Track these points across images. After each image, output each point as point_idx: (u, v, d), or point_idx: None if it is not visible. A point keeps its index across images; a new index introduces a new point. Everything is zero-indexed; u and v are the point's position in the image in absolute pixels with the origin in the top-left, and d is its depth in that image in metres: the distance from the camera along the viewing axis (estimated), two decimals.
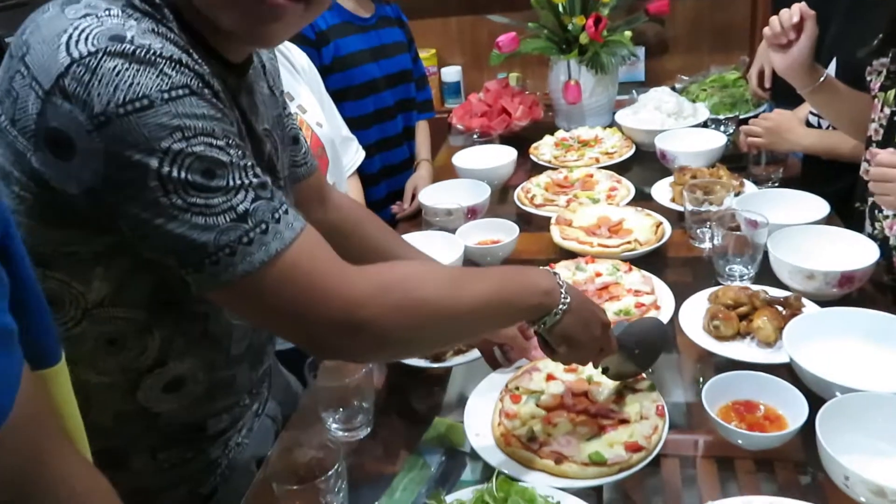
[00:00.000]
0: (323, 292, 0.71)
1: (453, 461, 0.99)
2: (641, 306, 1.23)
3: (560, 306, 0.86)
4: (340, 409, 1.03)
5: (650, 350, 1.03)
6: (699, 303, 1.21)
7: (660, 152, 1.84)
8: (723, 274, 1.32)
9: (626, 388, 1.03)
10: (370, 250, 1.12)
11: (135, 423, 0.90)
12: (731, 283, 1.28)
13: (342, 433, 1.04)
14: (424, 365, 1.15)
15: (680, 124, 2.02)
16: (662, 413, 0.98)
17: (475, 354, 1.14)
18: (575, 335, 0.89)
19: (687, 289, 1.27)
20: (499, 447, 0.97)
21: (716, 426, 0.94)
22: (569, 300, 0.87)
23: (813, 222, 1.40)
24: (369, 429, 1.05)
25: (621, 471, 0.91)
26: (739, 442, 0.93)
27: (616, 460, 0.91)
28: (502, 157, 1.91)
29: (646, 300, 1.24)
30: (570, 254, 1.45)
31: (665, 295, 1.27)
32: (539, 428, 0.97)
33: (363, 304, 0.72)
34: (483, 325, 0.89)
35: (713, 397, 0.96)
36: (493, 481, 0.86)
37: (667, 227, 1.49)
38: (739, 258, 1.30)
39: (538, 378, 1.07)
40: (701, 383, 1.04)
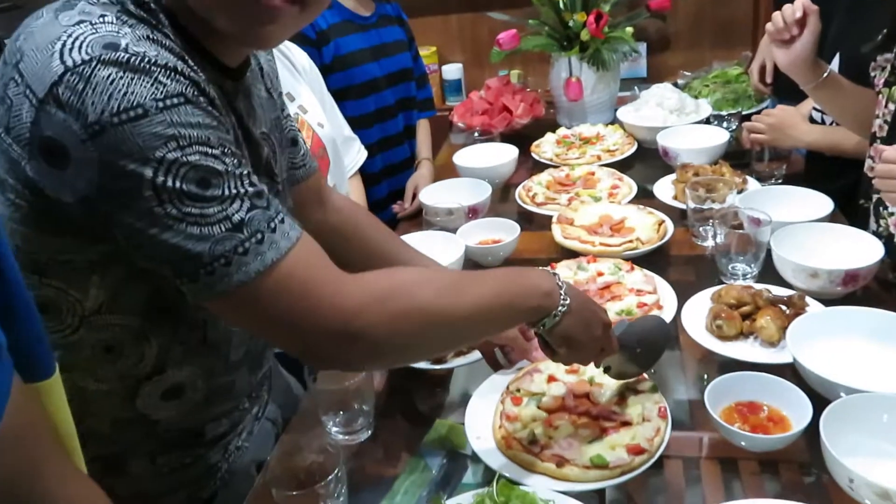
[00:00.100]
0: (318, 302, 0.70)
1: (455, 463, 0.99)
2: (643, 306, 1.22)
3: (560, 308, 0.85)
4: (341, 413, 1.03)
5: (652, 349, 1.02)
6: (702, 302, 1.20)
7: (662, 149, 1.83)
8: (726, 272, 1.31)
9: (628, 390, 1.02)
10: (370, 252, 1.12)
11: (133, 430, 0.90)
12: (734, 282, 1.27)
13: (342, 436, 1.04)
14: (425, 367, 1.14)
15: (682, 121, 2.01)
16: (665, 415, 0.97)
17: (476, 356, 1.13)
18: (575, 336, 0.88)
19: (689, 287, 1.26)
20: (500, 450, 0.96)
21: (719, 428, 0.93)
22: (569, 301, 0.86)
23: (817, 220, 1.39)
24: (370, 432, 1.05)
25: (623, 474, 0.90)
26: (743, 444, 0.92)
27: (618, 463, 0.90)
28: (503, 156, 1.91)
29: (648, 300, 1.23)
30: (572, 253, 1.44)
31: (667, 294, 1.26)
32: (540, 431, 0.96)
33: (358, 314, 0.71)
34: (482, 330, 0.88)
35: (716, 398, 0.96)
36: (494, 485, 0.85)
37: (669, 226, 1.48)
38: (742, 256, 1.29)
39: (539, 380, 1.06)
40: (706, 380, 1.03)
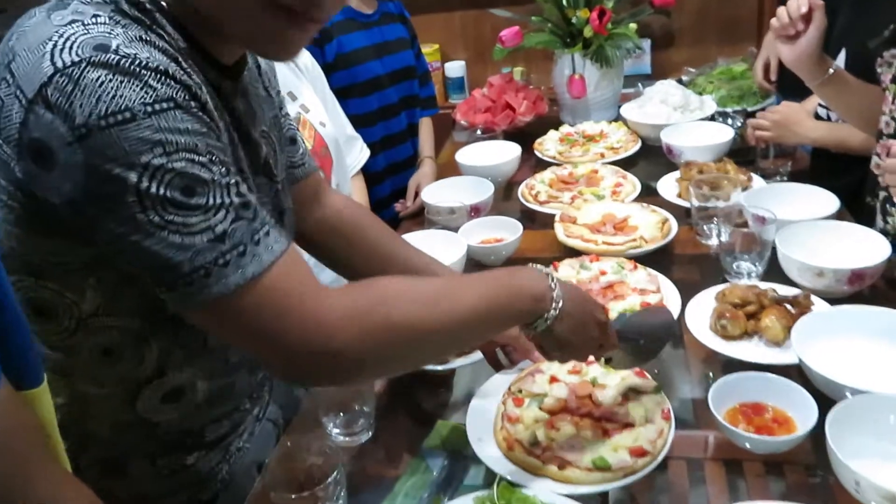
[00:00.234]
0: (298, 318, 0.69)
1: (456, 465, 0.98)
2: (647, 305, 1.21)
3: (551, 311, 0.83)
4: (341, 414, 1.02)
5: (655, 339, 1.01)
6: (706, 301, 1.19)
7: (666, 147, 1.81)
8: (730, 271, 1.30)
9: (631, 391, 1.01)
10: (370, 252, 1.11)
11: (134, 432, 0.90)
12: (739, 281, 1.26)
13: (343, 437, 1.03)
14: (427, 367, 1.13)
15: (686, 118, 1.99)
16: (668, 416, 0.96)
17: (478, 356, 1.12)
18: (569, 338, 0.86)
19: (694, 286, 1.25)
20: (501, 452, 0.95)
21: (723, 430, 0.92)
22: (561, 304, 0.84)
23: (822, 217, 1.38)
24: (370, 433, 1.04)
25: (626, 476, 0.89)
26: (747, 446, 0.91)
27: (620, 465, 0.89)
28: (506, 154, 1.89)
29: (651, 299, 1.22)
30: (575, 252, 1.43)
31: (671, 294, 1.25)
32: (542, 433, 0.95)
33: (337, 331, 0.70)
34: (469, 338, 0.87)
35: (720, 399, 0.95)
36: (495, 488, 0.85)
37: (673, 224, 1.47)
38: (747, 255, 1.28)
39: (541, 380, 1.05)
40: (711, 379, 1.02)
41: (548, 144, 2.03)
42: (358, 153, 1.91)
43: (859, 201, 1.47)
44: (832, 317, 1.09)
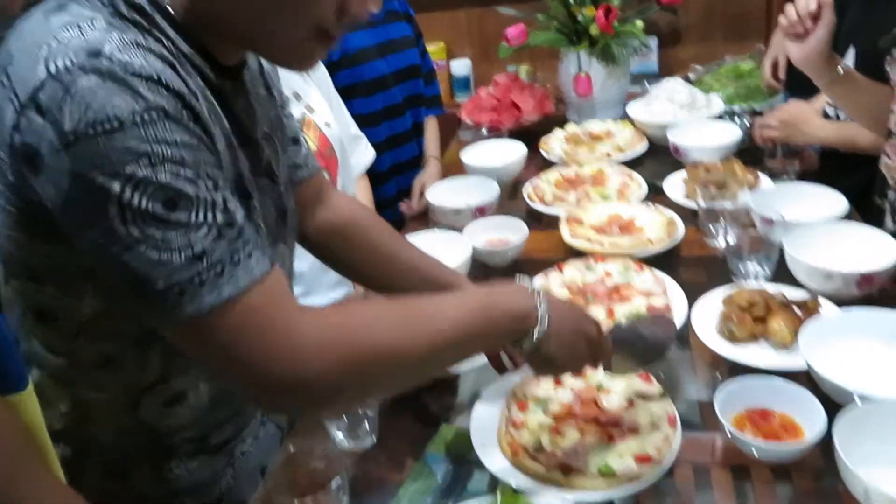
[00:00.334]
0: (273, 343, 0.67)
1: (460, 470, 0.98)
2: (653, 308, 1.20)
3: (536, 334, 0.81)
4: (345, 418, 1.02)
5: (654, 345, 0.98)
6: (713, 304, 1.18)
7: (672, 146, 1.80)
8: (737, 273, 1.29)
9: (637, 396, 1.00)
10: (372, 254, 1.10)
11: (137, 437, 0.90)
12: (746, 283, 1.25)
13: (347, 442, 1.03)
14: None
15: (693, 116, 1.97)
16: (674, 422, 0.95)
17: (482, 359, 1.11)
18: (556, 357, 0.84)
19: (700, 288, 1.24)
20: (505, 457, 0.95)
21: (730, 437, 0.91)
22: (546, 324, 0.81)
23: (831, 218, 1.36)
24: (374, 437, 1.03)
25: (631, 482, 0.88)
26: (755, 453, 0.90)
27: (625, 472, 0.88)
28: (511, 154, 1.88)
29: (657, 302, 1.21)
30: (581, 253, 1.42)
31: (677, 295, 1.24)
32: (546, 438, 0.95)
33: (313, 357, 0.68)
34: (450, 361, 0.85)
35: (727, 405, 0.94)
36: (498, 495, 0.84)
37: (679, 225, 1.46)
38: (754, 257, 1.27)
39: (546, 384, 1.04)
40: (719, 380, 1.00)
41: (553, 143, 2.02)
42: (363, 153, 1.90)
43: (868, 201, 1.46)
44: (840, 320, 1.08)
